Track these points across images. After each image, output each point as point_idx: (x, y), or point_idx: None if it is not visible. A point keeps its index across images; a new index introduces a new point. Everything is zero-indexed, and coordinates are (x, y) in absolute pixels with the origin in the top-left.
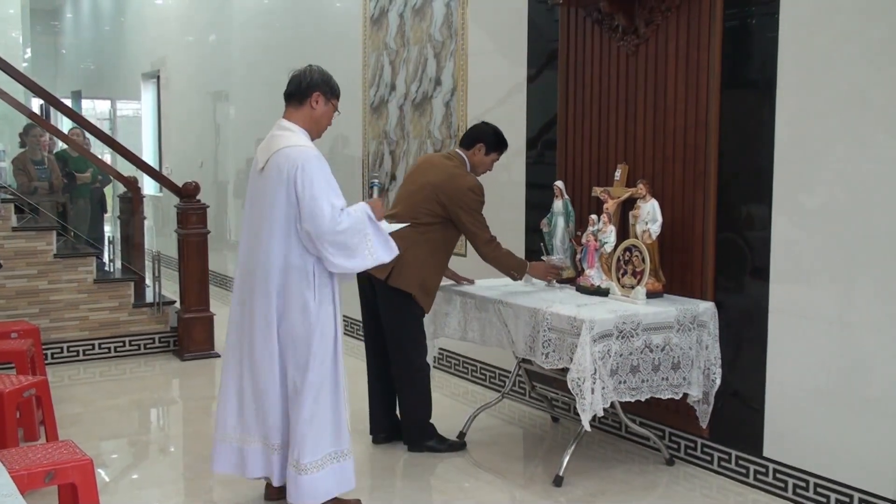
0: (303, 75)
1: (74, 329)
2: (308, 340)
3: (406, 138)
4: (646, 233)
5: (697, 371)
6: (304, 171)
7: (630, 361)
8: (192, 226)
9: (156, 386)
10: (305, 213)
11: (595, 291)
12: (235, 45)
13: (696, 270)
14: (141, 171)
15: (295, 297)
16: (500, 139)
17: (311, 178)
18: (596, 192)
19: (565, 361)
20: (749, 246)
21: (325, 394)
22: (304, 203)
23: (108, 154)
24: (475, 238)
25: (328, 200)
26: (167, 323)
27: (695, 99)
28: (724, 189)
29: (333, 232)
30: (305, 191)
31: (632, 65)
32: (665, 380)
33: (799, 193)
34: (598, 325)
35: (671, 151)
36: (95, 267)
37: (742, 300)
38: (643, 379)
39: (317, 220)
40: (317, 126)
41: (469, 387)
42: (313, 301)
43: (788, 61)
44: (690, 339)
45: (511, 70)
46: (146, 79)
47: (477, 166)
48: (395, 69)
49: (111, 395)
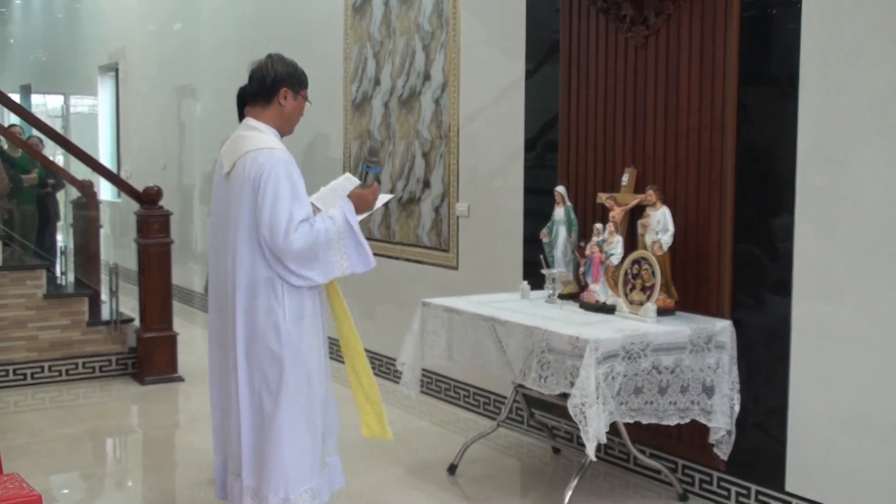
0: (265, 70)
1: (22, 350)
2: (280, 362)
3: (392, 138)
4: (656, 244)
5: (721, 397)
6: (270, 176)
7: (634, 382)
8: (154, 235)
9: (112, 413)
10: (264, 221)
11: (600, 308)
12: (203, 34)
13: (711, 285)
14: (97, 174)
15: (264, 314)
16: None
17: (277, 185)
18: (601, 199)
19: (564, 386)
20: (770, 258)
21: (303, 424)
22: (264, 211)
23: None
24: None
25: (287, 211)
26: (125, 343)
27: (710, 96)
28: (742, 195)
29: (288, 245)
30: (267, 198)
31: (641, 58)
32: (673, 404)
33: (824, 200)
34: (603, 346)
35: (684, 154)
36: (45, 281)
37: (762, 318)
38: (647, 400)
39: (274, 231)
40: (288, 123)
41: (460, 414)
42: (284, 318)
43: (812, 55)
44: (706, 361)
45: (508, 64)
46: (103, 72)
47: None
48: (379, 62)
49: (62, 424)
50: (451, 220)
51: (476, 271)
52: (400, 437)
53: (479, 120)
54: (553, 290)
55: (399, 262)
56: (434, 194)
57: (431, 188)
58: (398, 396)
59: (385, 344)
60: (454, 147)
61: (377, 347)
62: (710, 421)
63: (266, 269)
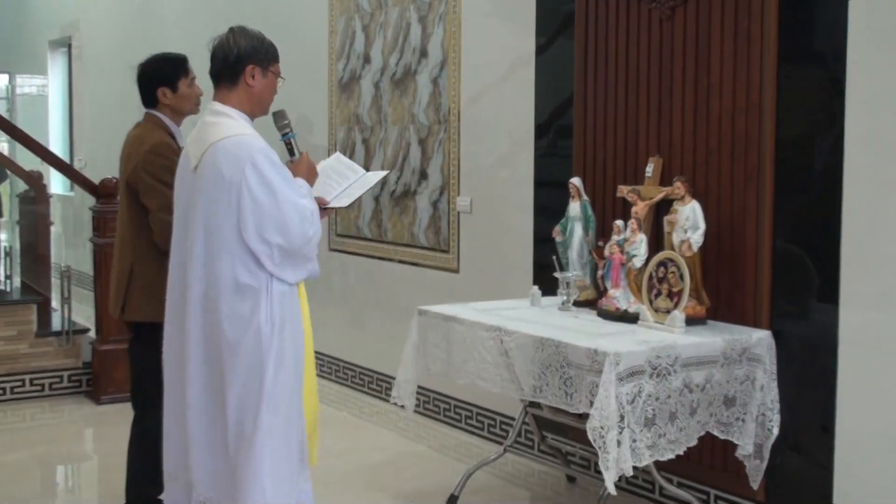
0: (227, 47)
1: None
2: (261, 374)
3: (383, 123)
4: (685, 243)
5: (749, 419)
6: (256, 171)
7: (668, 407)
8: (112, 234)
9: (64, 437)
10: (269, 224)
11: (621, 317)
12: (168, 5)
13: (747, 291)
14: (46, 164)
15: (243, 322)
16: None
17: (268, 179)
18: (622, 193)
19: (583, 405)
20: (814, 260)
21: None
22: (265, 212)
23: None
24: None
25: (293, 204)
26: (79, 357)
27: (745, 76)
28: (782, 188)
29: (306, 241)
30: (264, 198)
31: (667, 32)
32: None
33: (876, 192)
34: (624, 360)
35: (716, 141)
36: None
37: (805, 328)
38: (681, 427)
39: (290, 232)
40: (260, 105)
41: (462, 437)
42: (266, 325)
43: (861, 28)
44: (735, 373)
45: (516, 39)
46: (54, 48)
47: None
48: (369, 37)
49: (6, 449)
50: (450, 216)
51: (479, 275)
52: (393, 464)
53: (482, 102)
54: (567, 297)
55: (391, 264)
56: (432, 187)
57: (429, 180)
58: (390, 417)
59: (375, 358)
60: (454, 133)
61: (365, 361)
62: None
63: (249, 274)
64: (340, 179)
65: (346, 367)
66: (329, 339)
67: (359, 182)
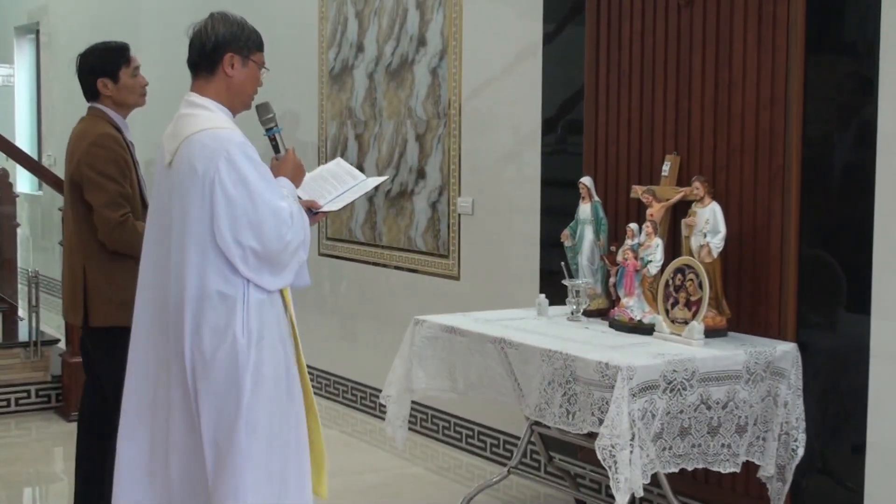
0: (205, 34)
1: None
2: (237, 391)
3: (378, 117)
4: (704, 248)
5: (771, 438)
6: (230, 166)
7: (680, 421)
8: None
9: (31, 457)
10: (243, 224)
11: (635, 328)
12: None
13: (771, 300)
14: (12, 161)
15: (217, 334)
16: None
17: (243, 175)
18: (636, 193)
19: (591, 424)
20: (844, 266)
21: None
22: (238, 211)
23: None
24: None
25: (272, 205)
26: (48, 370)
27: (770, 67)
28: (809, 189)
29: (283, 246)
30: (238, 195)
31: (685, 19)
32: (726, 447)
33: None
34: (638, 375)
35: (738, 139)
36: None
37: (834, 340)
38: (694, 444)
39: (264, 235)
40: (240, 97)
41: (463, 458)
42: (243, 337)
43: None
44: (761, 392)
45: (521, 25)
46: (21, 34)
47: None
48: (363, 24)
49: None
50: (450, 218)
51: (482, 282)
52: (388, 487)
53: (485, 95)
54: (577, 306)
55: (387, 270)
56: (430, 187)
57: (427, 179)
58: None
59: (369, 372)
60: (455, 128)
61: (358, 376)
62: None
63: (223, 280)
64: (337, 183)
65: (336, 381)
66: (319, 352)
67: (356, 187)
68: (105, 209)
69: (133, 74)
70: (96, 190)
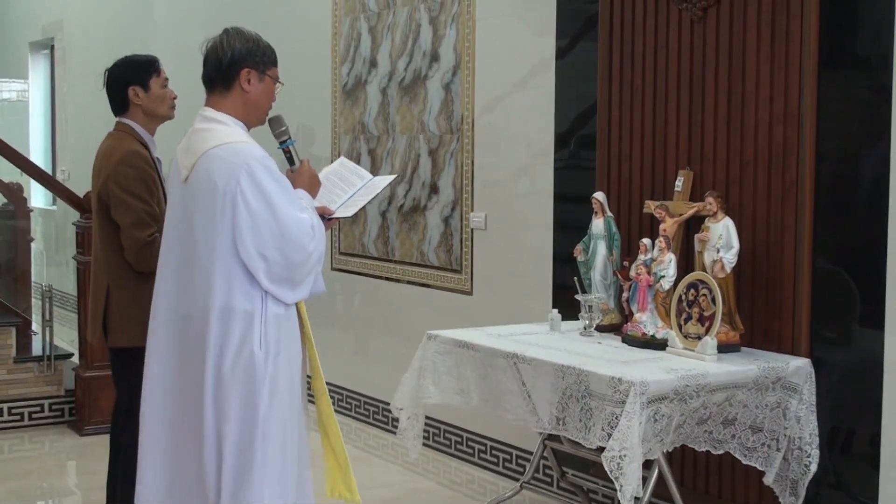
0: (220, 50)
1: None
2: (254, 405)
3: (391, 132)
4: (717, 263)
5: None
6: (252, 180)
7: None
8: None
9: (44, 470)
10: (266, 237)
11: (648, 343)
12: (158, 4)
13: (785, 315)
14: (27, 176)
15: (235, 349)
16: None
17: (265, 189)
18: (650, 208)
19: (597, 438)
20: (858, 281)
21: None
22: (262, 225)
23: None
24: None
25: (294, 217)
26: (61, 384)
27: (783, 82)
28: (823, 204)
29: (306, 258)
30: (261, 209)
31: (698, 35)
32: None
33: None
34: (651, 389)
35: (751, 153)
36: None
37: (848, 356)
38: (708, 430)
39: (287, 247)
40: (256, 112)
41: (475, 473)
42: (260, 351)
43: None
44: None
45: (534, 41)
46: (35, 50)
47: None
48: (376, 39)
49: None
50: (463, 233)
51: (494, 297)
52: (400, 501)
53: (498, 110)
54: (590, 321)
55: (400, 285)
56: (443, 202)
57: (440, 194)
58: (397, 451)
59: (381, 387)
60: (468, 144)
61: (370, 390)
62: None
63: (244, 296)
64: (346, 186)
65: (349, 396)
66: (331, 366)
67: (365, 188)
68: (133, 228)
69: (163, 85)
70: (123, 209)
